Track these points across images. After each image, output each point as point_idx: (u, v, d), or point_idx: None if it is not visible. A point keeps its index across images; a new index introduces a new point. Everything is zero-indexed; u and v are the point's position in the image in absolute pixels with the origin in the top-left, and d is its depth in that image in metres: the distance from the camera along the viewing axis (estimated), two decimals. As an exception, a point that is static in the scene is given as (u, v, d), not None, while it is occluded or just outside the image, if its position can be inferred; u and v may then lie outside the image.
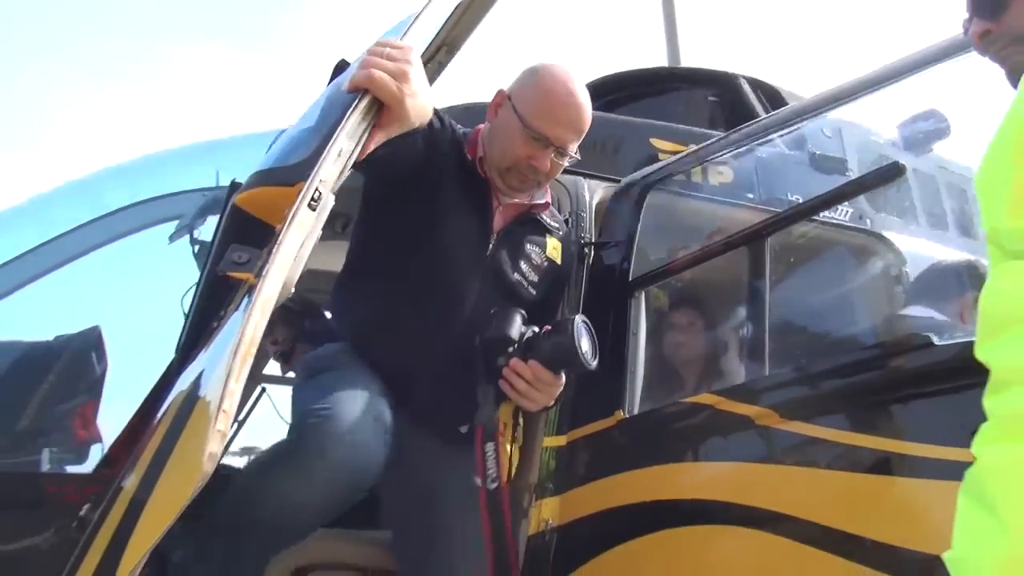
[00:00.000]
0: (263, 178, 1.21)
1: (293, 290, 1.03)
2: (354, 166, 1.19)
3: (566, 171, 1.87)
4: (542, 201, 1.86)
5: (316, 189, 1.03)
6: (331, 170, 1.06)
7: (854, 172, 2.40)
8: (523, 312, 1.68)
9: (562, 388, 1.65)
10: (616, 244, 2.08)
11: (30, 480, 1.77)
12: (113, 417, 1.93)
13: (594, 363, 1.61)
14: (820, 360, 1.58)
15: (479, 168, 1.77)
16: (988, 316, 0.75)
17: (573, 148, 1.73)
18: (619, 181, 2.24)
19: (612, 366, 1.84)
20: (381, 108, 1.20)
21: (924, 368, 1.31)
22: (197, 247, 2.21)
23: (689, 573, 1.60)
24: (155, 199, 2.29)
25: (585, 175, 2.22)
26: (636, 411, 1.85)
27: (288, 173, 1.15)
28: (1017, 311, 0.72)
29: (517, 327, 1.63)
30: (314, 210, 1.02)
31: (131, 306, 2.21)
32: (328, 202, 1.05)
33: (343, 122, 1.10)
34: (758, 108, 2.97)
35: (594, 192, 2.22)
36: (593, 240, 2.10)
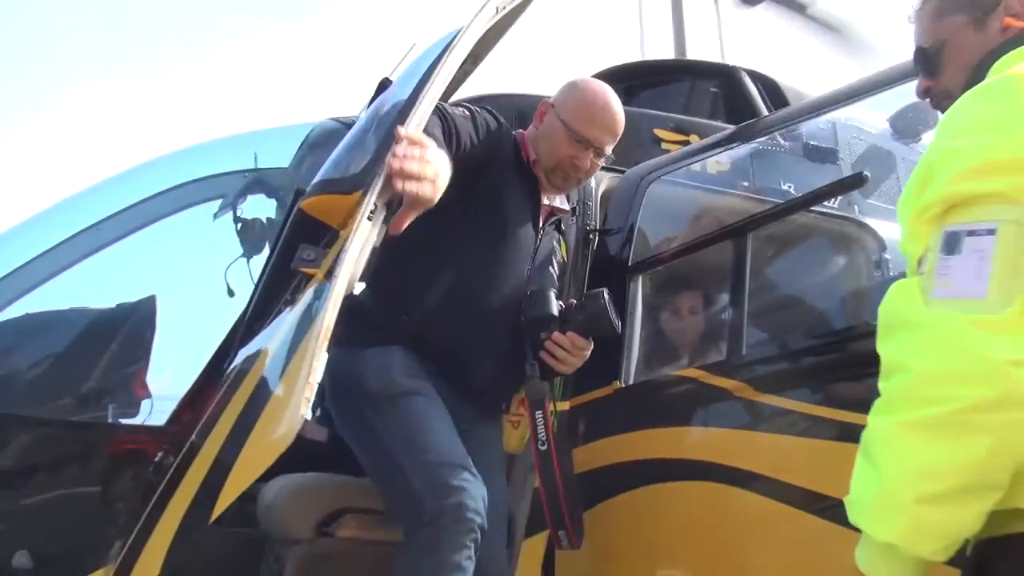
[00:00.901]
0: (324, 187, 1.43)
1: (356, 285, 1.27)
2: None
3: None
4: (566, 207, 2.08)
5: (372, 202, 1.27)
6: (382, 189, 1.30)
7: (845, 162, 2.58)
8: (555, 289, 1.92)
9: (590, 351, 1.88)
10: (618, 231, 2.28)
11: (107, 431, 2.02)
12: (158, 377, 2.17)
13: (620, 328, 1.87)
14: (788, 341, 1.81)
15: (533, 169, 1.97)
16: (883, 321, 0.99)
17: (609, 149, 1.96)
18: (623, 171, 2.41)
19: (612, 341, 2.03)
20: None
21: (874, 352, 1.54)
22: (240, 224, 2.42)
23: (674, 522, 1.87)
24: (200, 180, 2.50)
25: None
26: (631, 382, 2.07)
27: (345, 184, 1.38)
28: (902, 319, 0.95)
29: (555, 304, 1.87)
30: (371, 221, 1.27)
31: (180, 277, 2.44)
32: (381, 214, 1.29)
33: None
34: (758, 100, 3.08)
35: (600, 181, 2.40)
36: (598, 227, 2.31)
